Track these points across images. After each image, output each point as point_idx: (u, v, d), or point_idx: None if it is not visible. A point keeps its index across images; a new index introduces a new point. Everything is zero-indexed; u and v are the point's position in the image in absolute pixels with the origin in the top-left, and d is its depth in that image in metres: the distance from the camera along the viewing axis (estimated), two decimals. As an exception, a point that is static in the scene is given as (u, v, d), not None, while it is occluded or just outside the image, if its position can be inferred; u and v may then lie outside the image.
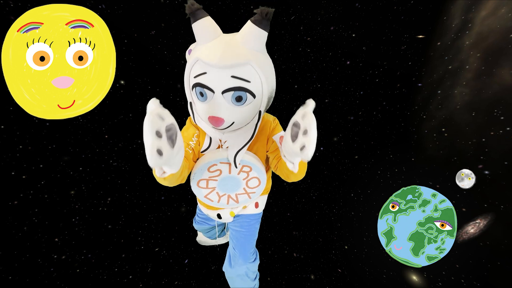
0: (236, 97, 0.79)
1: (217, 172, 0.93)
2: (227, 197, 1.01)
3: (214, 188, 0.98)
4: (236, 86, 0.77)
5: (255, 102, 0.82)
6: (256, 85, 0.80)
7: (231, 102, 0.80)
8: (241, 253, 1.17)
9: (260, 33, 0.78)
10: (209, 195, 1.00)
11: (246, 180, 0.97)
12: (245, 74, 0.77)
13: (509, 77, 1.52)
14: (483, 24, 1.57)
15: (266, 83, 0.81)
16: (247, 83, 0.78)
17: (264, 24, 0.76)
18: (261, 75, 0.80)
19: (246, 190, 0.99)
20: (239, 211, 1.13)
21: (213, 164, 0.91)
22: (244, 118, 0.84)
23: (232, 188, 0.98)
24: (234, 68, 0.76)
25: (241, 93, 0.78)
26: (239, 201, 1.03)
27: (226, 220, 1.13)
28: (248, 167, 0.93)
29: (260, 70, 0.79)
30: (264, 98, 0.83)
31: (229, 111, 0.80)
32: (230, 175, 0.94)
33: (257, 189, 1.01)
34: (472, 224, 1.59)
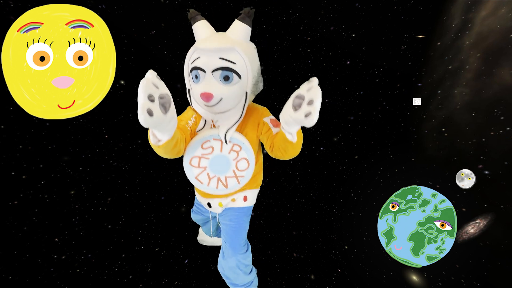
0: (224, 76, 0.93)
1: (209, 149, 1.02)
2: (217, 180, 1.06)
3: (205, 168, 1.05)
4: (224, 66, 0.92)
5: (241, 83, 0.96)
6: (241, 67, 0.94)
7: (219, 80, 0.93)
8: (230, 245, 1.20)
9: (244, 28, 0.97)
10: (199, 175, 1.07)
11: (236, 161, 1.04)
12: (231, 57, 0.92)
13: (509, 77, 1.52)
14: (483, 24, 1.57)
15: (250, 66, 0.96)
16: (233, 64, 0.93)
17: (247, 21, 0.97)
18: (245, 59, 0.94)
19: (236, 172, 1.05)
20: (227, 203, 1.16)
21: (206, 140, 1.01)
22: (231, 96, 0.95)
23: (222, 169, 1.04)
24: (222, 51, 0.92)
25: (228, 72, 0.93)
26: (228, 186, 1.08)
27: (215, 210, 1.17)
28: (238, 146, 1.02)
29: (245, 54, 0.94)
30: (249, 80, 0.97)
31: (218, 88, 0.93)
32: (222, 153, 1.02)
33: (246, 172, 1.06)
34: (472, 224, 1.59)
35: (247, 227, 1.24)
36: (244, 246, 1.24)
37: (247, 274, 1.26)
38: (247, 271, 1.26)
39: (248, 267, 1.27)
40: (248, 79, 0.97)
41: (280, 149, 0.99)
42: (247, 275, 1.26)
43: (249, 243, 1.31)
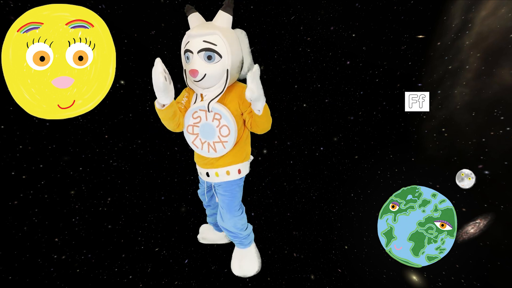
0: (207, 56, 1.14)
1: (198, 118, 1.24)
2: (207, 145, 1.27)
3: (198, 134, 1.27)
4: (206, 47, 1.13)
5: (222, 62, 1.15)
6: (222, 48, 1.14)
7: (203, 59, 1.14)
8: (227, 210, 1.40)
9: (226, 16, 1.17)
10: (194, 141, 1.29)
11: (219, 128, 1.23)
12: (213, 39, 1.13)
13: (509, 77, 1.52)
14: (483, 24, 1.57)
15: (230, 48, 1.14)
16: (214, 46, 1.13)
17: (228, 10, 1.17)
18: (225, 41, 1.13)
19: (220, 138, 1.25)
20: (223, 175, 1.35)
21: (195, 111, 1.23)
22: (213, 72, 1.16)
23: (209, 135, 1.25)
24: (205, 35, 1.14)
25: (210, 53, 1.13)
26: (217, 150, 1.27)
27: (212, 179, 1.37)
28: (218, 115, 1.21)
29: (225, 38, 1.14)
30: (229, 59, 1.15)
31: (202, 66, 1.14)
32: (207, 122, 1.23)
33: (228, 137, 1.24)
34: (472, 224, 1.59)
35: (240, 195, 1.44)
36: (239, 210, 1.44)
37: (243, 230, 1.47)
38: (244, 227, 1.48)
39: (244, 225, 1.48)
40: (228, 59, 1.15)
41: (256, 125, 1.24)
42: (243, 231, 1.48)
43: (244, 206, 1.50)
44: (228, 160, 1.32)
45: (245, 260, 1.53)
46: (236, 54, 1.18)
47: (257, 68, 1.04)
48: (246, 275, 1.52)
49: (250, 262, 1.52)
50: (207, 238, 1.75)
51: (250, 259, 1.53)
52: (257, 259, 1.55)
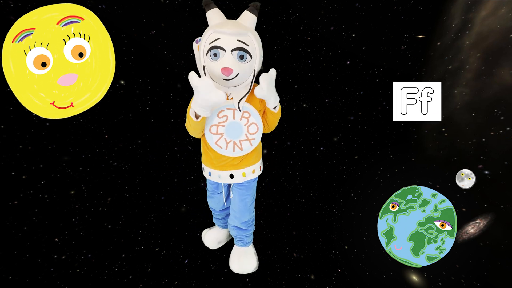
0: (240, 55, 1.14)
1: (224, 117, 1.23)
2: (233, 144, 1.26)
3: (223, 134, 1.25)
4: (241, 47, 1.14)
5: (252, 62, 1.18)
6: (253, 49, 1.17)
7: (237, 58, 1.14)
8: (246, 208, 1.45)
9: (253, 17, 1.20)
10: (218, 141, 1.27)
11: (247, 126, 1.25)
12: (246, 39, 1.15)
13: (509, 77, 1.52)
14: (483, 24, 1.57)
15: (258, 49, 1.19)
16: (247, 46, 1.15)
17: (255, 12, 1.20)
18: (255, 42, 1.17)
19: (248, 136, 1.26)
20: (249, 174, 1.38)
21: (221, 110, 1.22)
22: (244, 72, 1.18)
23: (236, 134, 1.25)
24: (239, 35, 1.14)
25: (243, 52, 1.14)
26: (243, 148, 1.27)
27: (238, 179, 1.37)
28: (247, 113, 1.24)
29: (255, 39, 1.17)
30: (257, 60, 1.19)
31: (236, 64, 1.14)
32: (234, 120, 1.24)
33: (256, 135, 1.27)
34: (472, 224, 1.59)
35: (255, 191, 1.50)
36: (252, 204, 1.49)
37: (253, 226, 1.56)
38: (253, 224, 1.56)
39: (254, 221, 1.55)
40: (256, 60, 1.19)
41: (269, 123, 1.34)
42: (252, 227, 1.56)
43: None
44: (253, 158, 1.36)
45: (244, 257, 1.55)
46: (260, 56, 1.22)
47: (273, 71, 1.16)
48: (245, 271, 1.53)
49: (249, 259, 1.55)
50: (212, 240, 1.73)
51: (249, 256, 1.56)
52: (256, 257, 1.57)
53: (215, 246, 1.71)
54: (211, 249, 1.72)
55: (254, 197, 1.50)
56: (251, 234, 1.57)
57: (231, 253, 1.59)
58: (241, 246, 1.57)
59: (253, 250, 1.60)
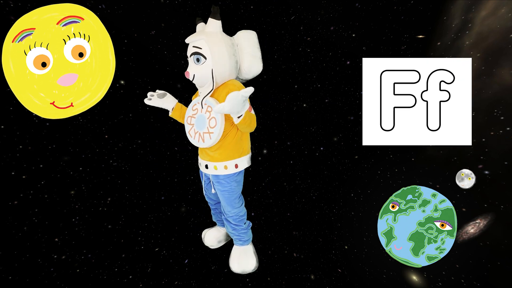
0: (196, 59, 1.29)
1: (196, 110, 1.38)
2: (199, 135, 1.36)
3: (193, 125, 1.38)
4: (194, 51, 1.30)
5: (207, 63, 1.29)
6: (206, 51, 1.28)
7: (194, 62, 1.31)
8: (227, 203, 1.48)
9: (213, 21, 1.32)
10: (190, 131, 1.41)
11: (209, 119, 1.32)
12: (199, 44, 1.29)
13: (509, 77, 1.52)
14: (483, 24, 1.57)
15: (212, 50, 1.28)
16: (199, 49, 1.28)
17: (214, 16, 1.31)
18: (210, 45, 1.28)
19: (208, 129, 1.32)
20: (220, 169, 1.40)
21: (194, 104, 1.40)
22: (201, 73, 1.30)
23: (201, 126, 1.34)
24: (194, 41, 1.31)
25: (197, 56, 1.29)
26: (205, 140, 1.34)
27: (211, 171, 1.43)
28: (210, 107, 1.31)
29: (209, 42, 1.28)
30: (213, 60, 1.28)
31: (192, 68, 1.32)
32: (201, 113, 1.35)
33: (215, 129, 1.31)
34: (472, 224, 1.59)
35: (239, 189, 1.50)
36: (238, 201, 1.51)
37: (243, 222, 1.54)
38: (243, 219, 1.54)
39: (244, 216, 1.54)
40: (212, 60, 1.28)
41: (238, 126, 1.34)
42: (243, 224, 1.54)
43: (243, 199, 1.55)
44: (225, 154, 1.38)
45: (243, 256, 1.55)
46: (220, 56, 1.29)
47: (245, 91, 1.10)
48: (245, 271, 1.54)
49: (248, 259, 1.55)
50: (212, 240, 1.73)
51: (248, 256, 1.56)
52: (255, 256, 1.58)
53: (215, 245, 1.71)
54: (211, 248, 1.72)
55: (236, 194, 1.48)
56: (246, 232, 1.57)
57: (231, 253, 1.59)
58: (240, 245, 1.57)
59: (253, 250, 1.60)
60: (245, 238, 1.56)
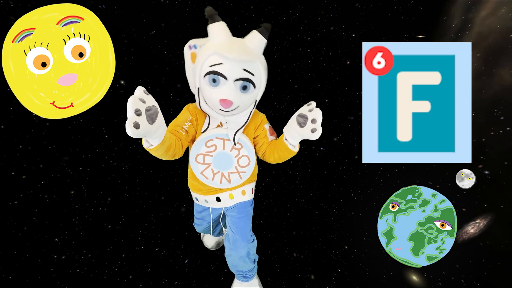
0: (243, 86, 1.01)
1: (213, 147, 1.11)
2: (221, 175, 1.16)
3: (210, 164, 1.14)
4: (245, 77, 1.00)
5: (254, 92, 1.06)
6: (257, 78, 1.03)
7: (239, 89, 1.01)
8: (241, 236, 1.27)
9: (262, 40, 1.04)
10: (204, 171, 1.16)
11: (238, 158, 1.14)
12: (253, 69, 1.00)
13: (509, 77, 1.52)
14: (483, 24, 1.57)
15: (264, 79, 1.07)
16: (252, 76, 1.01)
17: (265, 34, 1.04)
18: (262, 71, 1.04)
19: (237, 168, 1.16)
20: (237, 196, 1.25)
21: (210, 139, 1.10)
22: (245, 103, 1.06)
23: (225, 165, 1.14)
24: (246, 63, 0.99)
25: (247, 83, 1.01)
26: (231, 181, 1.17)
27: (225, 203, 1.25)
28: (239, 145, 1.12)
29: (262, 67, 1.04)
30: (260, 90, 1.08)
31: (237, 96, 1.01)
32: (224, 151, 1.12)
33: (247, 168, 1.16)
34: (472, 224, 1.59)
35: (251, 217, 1.33)
36: (251, 235, 1.33)
37: (252, 262, 1.33)
38: (253, 259, 1.34)
39: (254, 255, 1.35)
40: (259, 89, 1.08)
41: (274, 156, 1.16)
42: (252, 263, 1.33)
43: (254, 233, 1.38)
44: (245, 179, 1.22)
45: None
46: (264, 83, 1.09)
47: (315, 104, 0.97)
48: None
49: None
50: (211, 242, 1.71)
51: None
52: None
53: (214, 247, 1.71)
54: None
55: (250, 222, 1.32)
56: (254, 267, 1.34)
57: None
58: (242, 281, 1.35)
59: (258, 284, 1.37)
60: (251, 274, 1.34)
